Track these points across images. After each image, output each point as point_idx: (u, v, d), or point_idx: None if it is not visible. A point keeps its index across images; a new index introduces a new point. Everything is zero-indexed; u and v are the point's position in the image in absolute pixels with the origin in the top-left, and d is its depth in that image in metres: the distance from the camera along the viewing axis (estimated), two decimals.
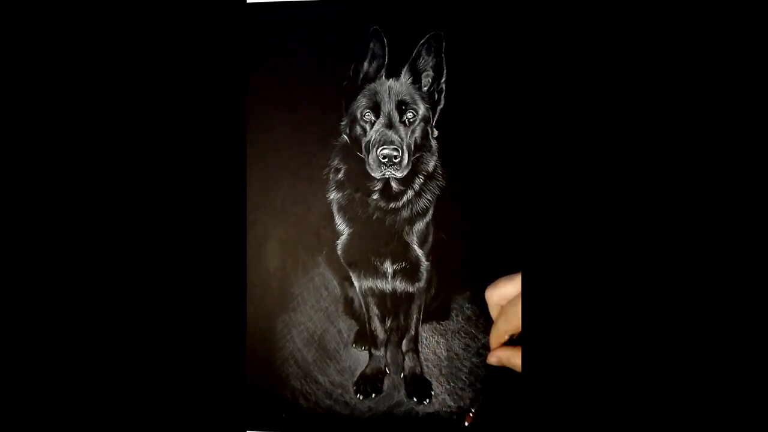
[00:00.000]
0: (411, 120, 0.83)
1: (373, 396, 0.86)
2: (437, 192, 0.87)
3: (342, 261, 0.88)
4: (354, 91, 0.85)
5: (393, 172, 0.82)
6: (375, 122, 0.83)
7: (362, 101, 0.84)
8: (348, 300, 0.91)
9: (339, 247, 0.88)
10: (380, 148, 0.81)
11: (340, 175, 0.87)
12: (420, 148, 0.85)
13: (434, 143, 0.86)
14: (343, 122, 0.87)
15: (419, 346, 0.89)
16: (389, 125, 0.82)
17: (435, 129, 0.86)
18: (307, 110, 0.88)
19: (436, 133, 0.86)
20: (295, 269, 0.89)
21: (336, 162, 0.88)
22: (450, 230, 0.87)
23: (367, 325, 0.90)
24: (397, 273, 0.88)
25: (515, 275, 0.56)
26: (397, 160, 0.81)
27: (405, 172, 0.82)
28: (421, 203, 0.86)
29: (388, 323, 0.91)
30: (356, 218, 0.87)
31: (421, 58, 0.84)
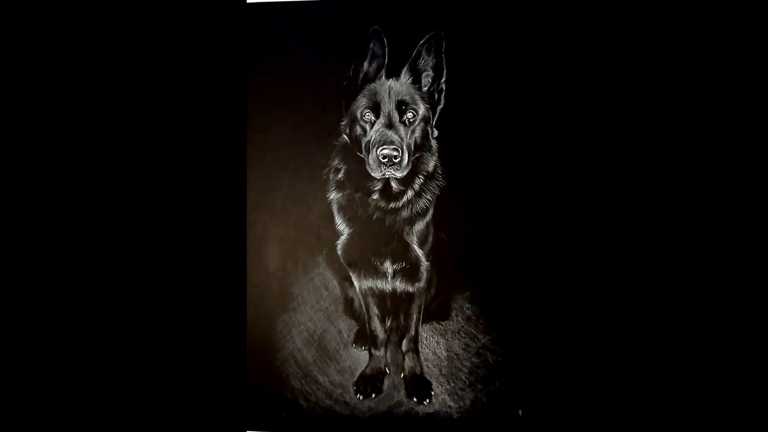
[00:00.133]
0: (411, 120, 0.83)
1: (373, 396, 0.86)
2: (437, 192, 0.87)
3: (342, 261, 0.88)
4: (354, 91, 0.85)
5: (393, 172, 0.82)
6: (375, 122, 0.83)
7: (362, 101, 0.84)
8: (348, 300, 0.91)
9: (339, 247, 0.88)
10: (380, 148, 0.81)
11: (340, 175, 0.87)
12: (420, 148, 0.85)
13: (434, 143, 0.86)
14: (343, 122, 0.87)
15: (419, 346, 0.89)
16: (389, 125, 0.82)
17: (435, 129, 0.86)
18: (307, 110, 0.88)
19: (436, 133, 0.86)
20: (295, 269, 0.89)
21: (336, 162, 0.87)
22: (450, 230, 0.87)
23: (367, 325, 0.90)
24: (397, 273, 0.88)
25: None
26: (397, 160, 0.81)
27: (405, 172, 0.82)
28: (421, 203, 0.86)
29: (388, 323, 0.91)
30: (356, 218, 0.87)
31: (421, 58, 0.84)
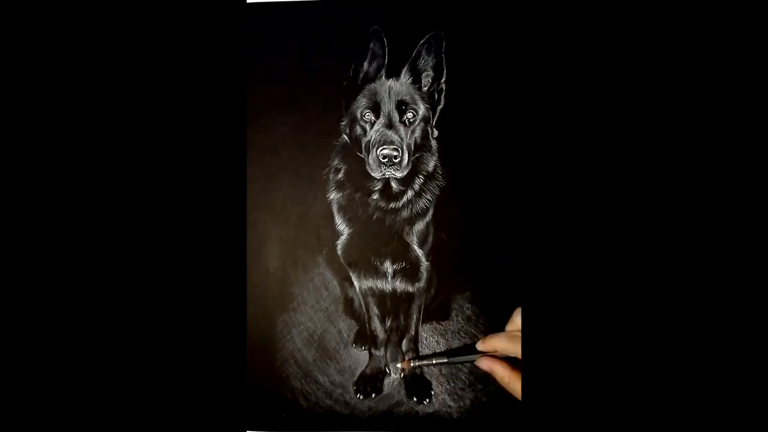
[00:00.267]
0: (411, 120, 0.83)
1: (373, 396, 0.86)
2: (437, 192, 0.87)
3: (342, 261, 0.88)
4: (354, 91, 0.85)
5: (393, 172, 0.82)
6: (375, 122, 0.83)
7: (362, 101, 0.84)
8: (348, 300, 0.91)
9: (339, 247, 0.88)
10: (380, 148, 0.81)
11: (340, 175, 0.87)
12: (420, 148, 0.85)
13: (434, 143, 0.86)
14: (343, 122, 0.87)
15: (419, 346, 0.89)
16: (389, 125, 0.82)
17: (435, 129, 0.86)
18: (307, 110, 0.88)
19: (436, 133, 0.86)
20: (295, 269, 0.89)
21: (336, 162, 0.87)
22: (450, 230, 0.87)
23: (367, 325, 0.90)
24: (397, 273, 0.88)
25: None
26: (397, 160, 0.81)
27: (405, 172, 0.82)
28: (421, 203, 0.86)
29: (388, 323, 0.91)
30: (356, 218, 0.87)
31: (421, 58, 0.84)
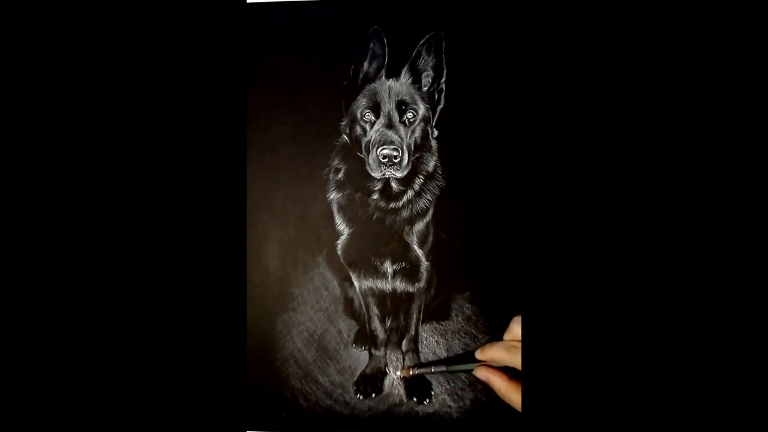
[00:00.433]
0: (411, 120, 0.83)
1: (373, 396, 0.86)
2: (437, 192, 0.87)
3: (342, 261, 0.88)
4: (354, 91, 0.85)
5: (393, 172, 0.82)
6: (375, 122, 0.83)
7: (362, 101, 0.84)
8: (348, 300, 0.91)
9: (339, 247, 0.88)
10: (380, 148, 0.81)
11: (340, 175, 0.87)
12: (420, 148, 0.85)
13: (434, 143, 0.86)
14: (343, 122, 0.87)
15: (419, 346, 0.89)
16: (389, 125, 0.82)
17: (435, 129, 0.86)
18: (307, 110, 0.87)
19: (436, 133, 0.86)
20: (295, 269, 0.89)
21: (336, 162, 0.87)
22: (450, 230, 0.87)
23: (367, 325, 0.90)
24: (397, 273, 0.88)
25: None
26: (397, 160, 0.81)
27: (405, 172, 0.82)
28: (421, 203, 0.86)
29: (388, 323, 0.91)
30: (356, 218, 0.87)
31: (421, 58, 0.84)
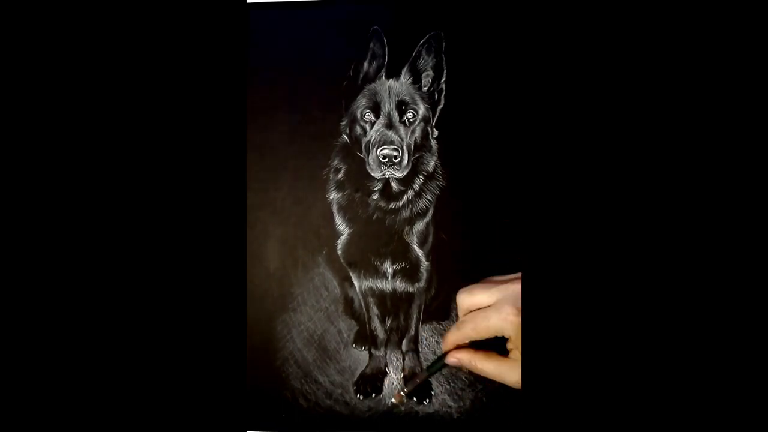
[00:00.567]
0: (411, 120, 0.83)
1: (373, 396, 0.86)
2: (437, 192, 0.87)
3: (342, 261, 0.88)
4: (354, 91, 0.85)
5: (393, 172, 0.82)
6: (375, 122, 0.83)
7: (362, 101, 0.84)
8: (348, 300, 0.91)
9: (339, 247, 0.88)
10: (380, 148, 0.81)
11: (340, 175, 0.87)
12: (420, 148, 0.85)
13: (434, 143, 0.86)
14: (343, 122, 0.87)
15: (419, 346, 0.89)
16: (389, 125, 0.82)
17: (435, 129, 0.86)
18: (307, 110, 0.88)
19: (436, 133, 0.86)
20: (295, 269, 0.89)
21: (336, 162, 0.87)
22: (450, 230, 0.87)
23: (367, 325, 0.90)
24: (397, 273, 0.88)
25: (491, 286, 0.57)
26: (397, 160, 0.81)
27: (405, 172, 0.82)
28: (421, 203, 0.86)
29: (388, 323, 0.91)
30: (356, 218, 0.87)
31: (421, 58, 0.84)
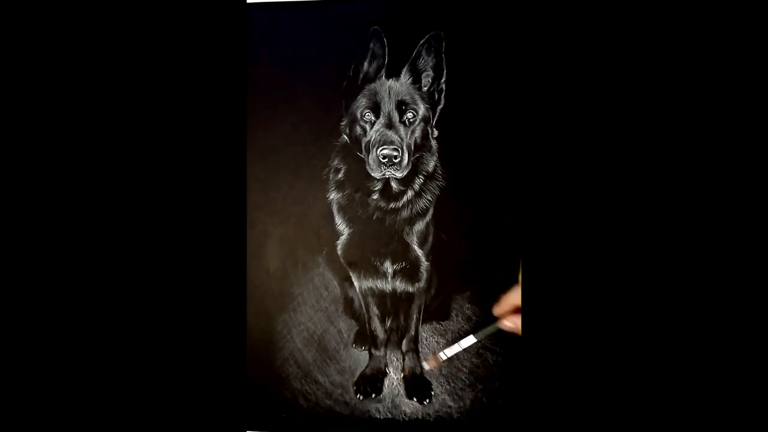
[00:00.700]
0: (411, 120, 0.83)
1: (373, 396, 0.86)
2: (437, 192, 0.87)
3: (342, 261, 0.88)
4: (354, 91, 0.85)
5: (393, 172, 0.82)
6: (375, 122, 0.83)
7: (362, 101, 0.84)
8: (348, 300, 0.91)
9: (339, 247, 0.88)
10: (380, 148, 0.81)
11: (340, 175, 0.87)
12: (420, 148, 0.85)
13: (434, 143, 0.86)
14: (343, 122, 0.87)
15: (419, 346, 0.89)
16: (389, 125, 0.82)
17: (435, 129, 0.86)
18: (307, 110, 0.88)
19: (436, 133, 0.86)
20: (295, 269, 0.89)
21: (336, 162, 0.87)
22: (450, 230, 0.87)
23: (367, 325, 0.90)
24: (397, 273, 0.88)
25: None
26: (397, 160, 0.81)
27: (405, 172, 0.82)
28: (421, 203, 0.86)
29: (388, 323, 0.91)
30: (356, 218, 0.87)
31: (421, 58, 0.84)
